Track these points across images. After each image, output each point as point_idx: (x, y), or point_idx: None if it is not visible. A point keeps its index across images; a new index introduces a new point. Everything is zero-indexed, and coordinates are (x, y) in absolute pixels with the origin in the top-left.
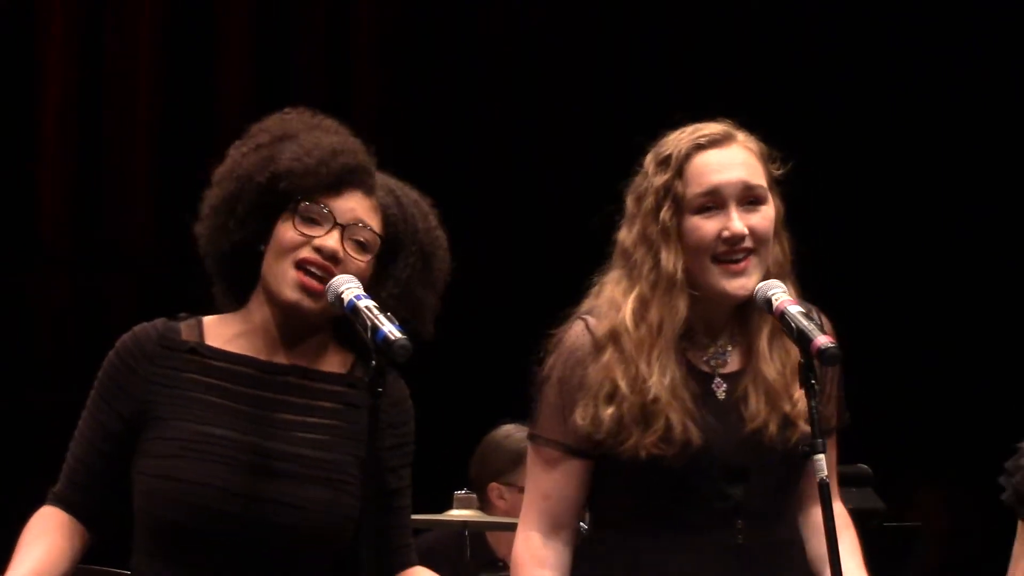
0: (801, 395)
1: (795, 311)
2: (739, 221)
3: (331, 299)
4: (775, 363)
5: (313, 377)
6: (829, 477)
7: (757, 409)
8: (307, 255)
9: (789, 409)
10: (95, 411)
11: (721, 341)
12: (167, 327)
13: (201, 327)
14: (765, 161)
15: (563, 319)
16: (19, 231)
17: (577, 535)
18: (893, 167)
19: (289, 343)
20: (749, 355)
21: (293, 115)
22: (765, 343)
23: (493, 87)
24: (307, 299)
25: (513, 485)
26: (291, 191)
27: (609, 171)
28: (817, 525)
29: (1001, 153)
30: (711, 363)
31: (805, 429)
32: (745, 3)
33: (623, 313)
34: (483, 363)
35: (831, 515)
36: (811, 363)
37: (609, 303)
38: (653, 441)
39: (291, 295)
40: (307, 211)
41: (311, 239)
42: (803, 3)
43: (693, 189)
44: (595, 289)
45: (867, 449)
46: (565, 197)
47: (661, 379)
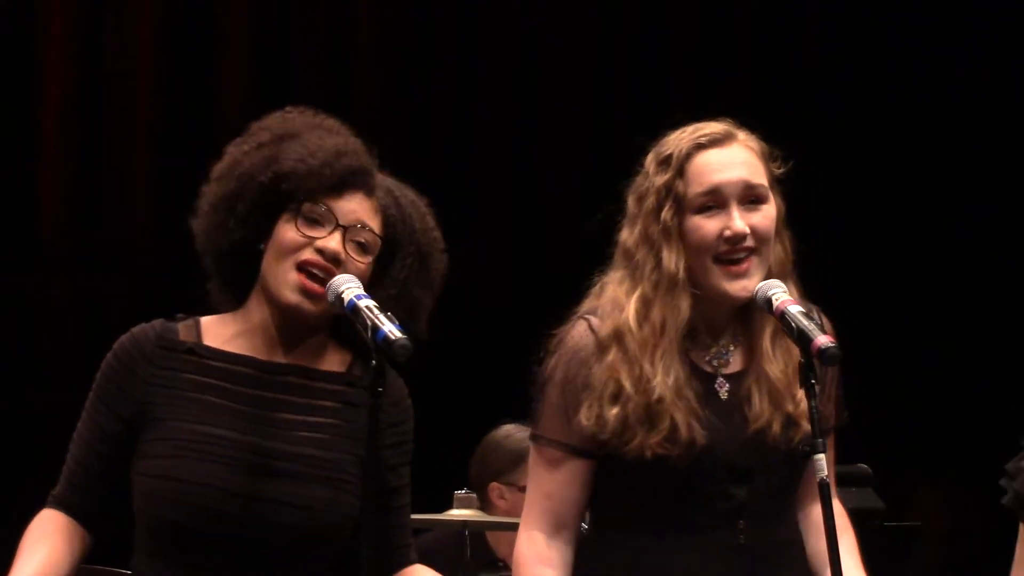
0: (803, 395)
1: (795, 311)
2: (740, 220)
3: (331, 299)
4: (778, 363)
5: (313, 376)
6: (828, 476)
7: (761, 409)
8: (309, 256)
9: (792, 409)
10: (94, 413)
11: (723, 341)
12: (165, 328)
13: (199, 327)
14: (766, 160)
15: (564, 319)
16: (19, 231)
17: (578, 535)
18: (893, 167)
19: (288, 343)
20: (752, 355)
21: (294, 114)
22: (768, 343)
23: (493, 87)
24: (307, 302)
25: (513, 485)
26: (293, 191)
27: (609, 171)
28: (815, 524)
29: (1001, 153)
30: (713, 363)
31: (807, 429)
32: (745, 3)
33: (626, 313)
34: (483, 363)
35: (831, 515)
36: (811, 363)
37: (612, 303)
38: (658, 441)
39: (292, 298)
40: (309, 212)
41: (313, 240)
42: (803, 3)
43: (694, 189)
44: (595, 289)
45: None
46: (565, 197)
47: (665, 379)
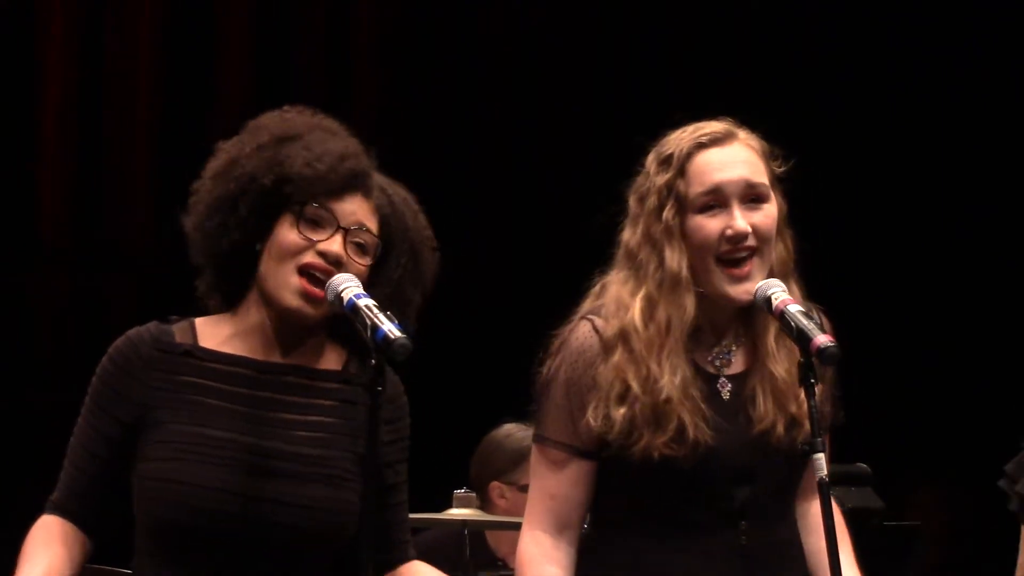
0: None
1: (794, 310)
2: (742, 219)
3: (331, 298)
4: (783, 362)
5: (311, 376)
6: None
7: (765, 410)
8: (311, 260)
9: (795, 410)
10: (91, 418)
11: (726, 341)
12: (160, 330)
13: (194, 329)
14: (767, 159)
15: (564, 319)
16: (19, 231)
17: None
18: (893, 167)
19: (286, 343)
20: (755, 355)
21: (292, 113)
22: (773, 342)
23: (493, 87)
24: (308, 306)
25: (514, 484)
26: (295, 194)
27: (609, 171)
28: (812, 522)
29: (1001, 153)
30: (716, 363)
31: (809, 429)
32: (745, 3)
33: (632, 313)
34: (483, 363)
35: (831, 513)
36: (810, 362)
37: (616, 303)
38: (664, 442)
39: (293, 302)
40: (310, 214)
41: (314, 243)
42: (803, 3)
43: (695, 188)
44: (596, 289)
45: (866, 448)
46: (565, 197)
47: (672, 379)
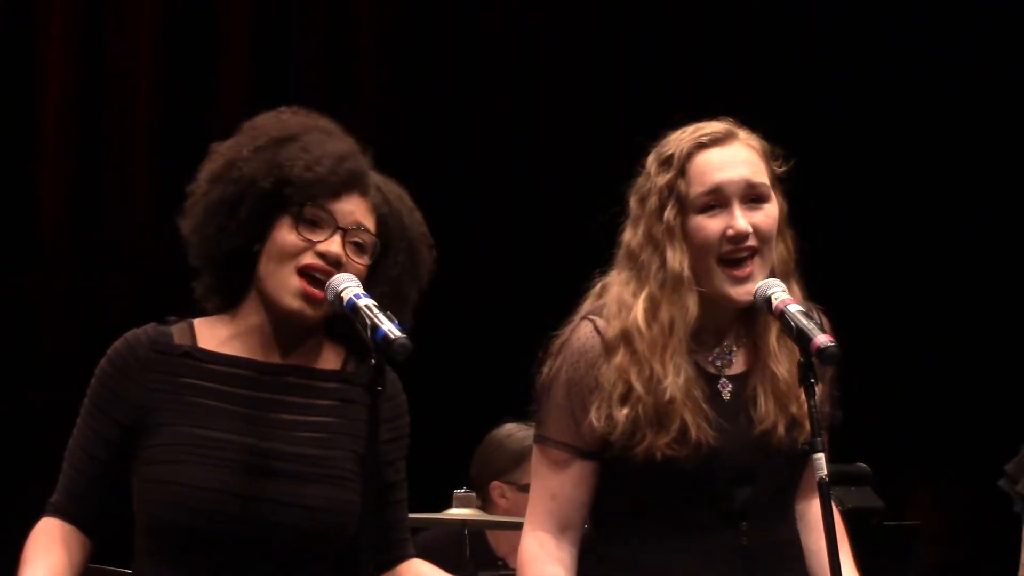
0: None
1: (794, 310)
2: (743, 219)
3: (330, 297)
4: (784, 363)
5: (310, 376)
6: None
7: (767, 411)
8: (311, 261)
9: (796, 410)
10: (90, 420)
11: (727, 342)
12: (158, 332)
13: (192, 330)
14: (767, 159)
15: (564, 320)
16: (19, 231)
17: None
18: (893, 167)
19: (285, 344)
20: (756, 356)
21: (288, 114)
22: (774, 342)
23: (493, 87)
24: (308, 307)
25: (515, 484)
26: (294, 196)
27: (609, 171)
28: (810, 521)
29: (1001, 153)
30: (717, 364)
31: (809, 429)
32: (745, 3)
33: (634, 314)
34: (483, 363)
35: (830, 513)
36: (810, 362)
37: (618, 304)
38: (667, 442)
39: (293, 303)
40: (309, 215)
41: (313, 244)
42: (803, 3)
43: (696, 188)
44: (596, 290)
45: (866, 448)
46: (565, 197)
47: (675, 379)
